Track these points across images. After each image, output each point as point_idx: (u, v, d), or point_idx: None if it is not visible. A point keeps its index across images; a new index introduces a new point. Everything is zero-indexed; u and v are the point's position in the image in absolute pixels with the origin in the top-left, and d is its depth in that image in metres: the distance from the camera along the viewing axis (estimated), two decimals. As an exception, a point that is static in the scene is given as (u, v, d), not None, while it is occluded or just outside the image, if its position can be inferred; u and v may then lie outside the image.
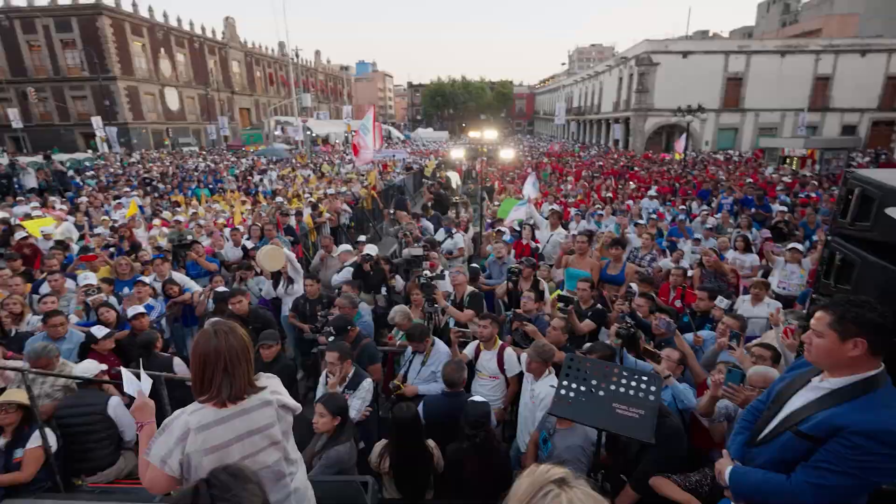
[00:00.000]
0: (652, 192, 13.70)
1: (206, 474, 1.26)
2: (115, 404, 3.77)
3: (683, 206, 11.30)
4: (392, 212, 9.59)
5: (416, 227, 8.01)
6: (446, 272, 5.01)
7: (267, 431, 1.86)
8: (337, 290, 5.79)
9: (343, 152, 33.26)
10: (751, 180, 15.43)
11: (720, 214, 10.12)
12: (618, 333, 3.43)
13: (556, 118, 41.84)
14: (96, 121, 33.76)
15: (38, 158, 21.81)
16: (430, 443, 3.17)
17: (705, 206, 11.45)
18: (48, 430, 3.32)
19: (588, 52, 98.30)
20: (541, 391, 3.51)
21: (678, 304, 5.29)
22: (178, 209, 12.10)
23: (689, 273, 5.88)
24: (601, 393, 2.35)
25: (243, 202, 13.11)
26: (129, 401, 4.18)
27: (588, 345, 4.16)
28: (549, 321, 5.08)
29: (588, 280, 4.88)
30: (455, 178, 17.25)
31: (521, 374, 4.02)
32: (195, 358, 1.80)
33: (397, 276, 6.65)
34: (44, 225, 8.62)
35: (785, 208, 10.00)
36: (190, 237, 7.54)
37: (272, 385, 1.96)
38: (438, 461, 3.15)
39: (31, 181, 15.94)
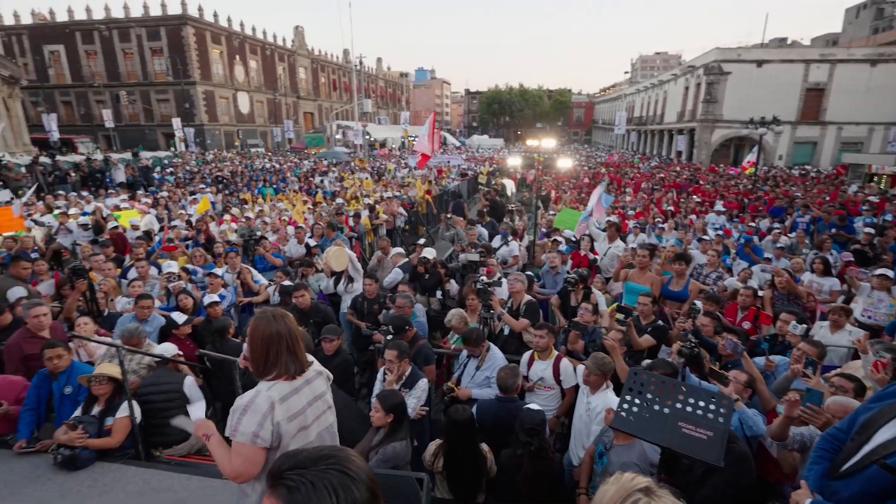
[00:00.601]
0: (718, 206, 13.04)
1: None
2: (189, 383, 4.07)
3: (753, 224, 10.67)
4: (448, 216, 9.70)
5: (471, 232, 8.07)
6: (503, 279, 5.02)
7: (324, 397, 2.13)
8: (391, 291, 5.95)
9: (399, 157, 34.01)
10: (829, 199, 14.34)
11: (794, 233, 9.47)
12: (680, 352, 3.32)
13: (616, 128, 40.63)
14: (176, 122, 36.59)
15: (127, 155, 23.90)
16: (484, 447, 3.19)
17: (777, 224, 10.76)
18: (134, 403, 3.64)
19: (652, 60, 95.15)
20: (597, 405, 3.46)
21: (746, 325, 5.02)
22: (246, 206, 12.84)
23: (760, 294, 5.56)
24: (666, 410, 2.29)
25: (304, 202, 13.71)
26: (202, 382, 4.51)
27: (649, 361, 4.04)
28: (605, 334, 5.00)
29: (649, 295, 4.74)
30: (510, 186, 17.21)
31: (576, 386, 3.96)
32: (258, 342, 1.95)
33: (452, 281, 6.74)
34: (131, 216, 9.43)
35: (871, 230, 9.20)
36: (258, 233, 8.00)
37: (316, 360, 2.21)
38: (491, 465, 3.17)
39: (120, 176, 17.46)
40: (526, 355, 4.27)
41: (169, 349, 4.22)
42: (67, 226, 8.90)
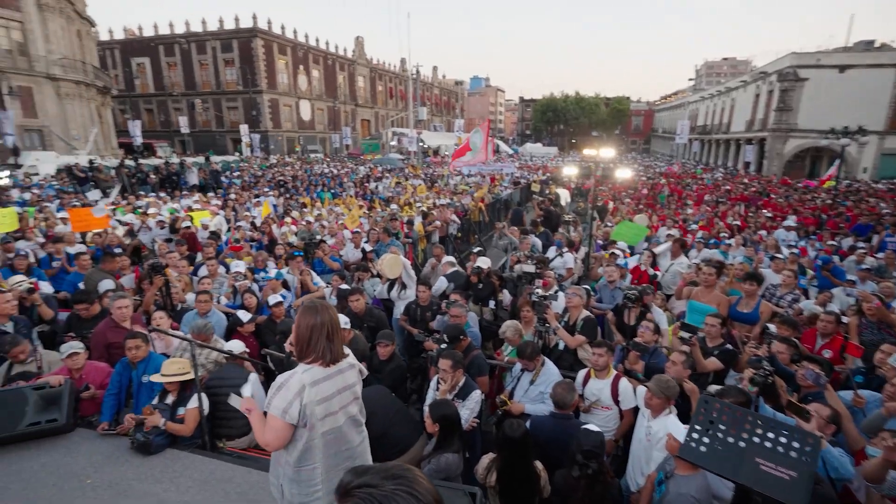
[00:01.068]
0: (789, 221, 12.15)
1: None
2: (253, 380, 4.23)
3: (833, 242, 9.85)
4: (503, 225, 9.64)
5: (524, 242, 7.97)
6: (560, 292, 4.91)
7: (353, 388, 2.32)
8: (443, 300, 5.96)
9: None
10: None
11: (883, 254, 8.64)
12: (753, 380, 3.09)
13: (678, 136, 38.94)
14: (244, 128, 38.86)
15: (199, 159, 25.56)
16: (538, 465, 3.12)
17: (862, 244, 9.87)
18: (203, 395, 3.86)
19: (719, 66, 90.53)
20: (659, 429, 3.29)
21: (827, 354, 4.61)
22: (305, 210, 13.37)
23: (844, 320, 5.10)
24: (741, 444, 2.14)
25: (360, 206, 14.10)
26: (264, 378, 4.71)
27: (716, 387, 3.81)
28: (666, 354, 4.76)
29: (718, 316, 4.47)
30: (564, 196, 16.88)
31: (636, 408, 3.80)
32: (303, 328, 2.17)
33: (505, 291, 6.67)
34: (203, 217, 10.06)
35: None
36: (318, 237, 8.29)
37: (351, 353, 2.40)
38: (545, 485, 3.09)
39: (193, 178, 18.70)
40: (582, 373, 4.15)
41: (237, 346, 4.44)
42: (147, 224, 9.62)
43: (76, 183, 16.71)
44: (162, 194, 15.06)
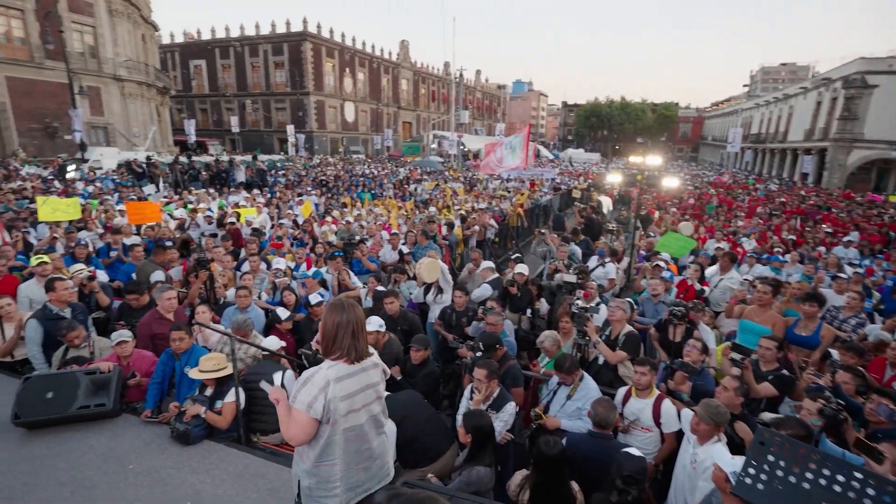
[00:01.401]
0: (851, 237, 11.32)
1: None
2: (289, 377, 4.30)
3: (903, 262, 9.09)
4: (543, 231, 9.45)
5: (561, 250, 7.77)
6: (602, 305, 4.72)
7: (376, 387, 2.32)
8: (479, 305, 5.87)
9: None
10: None
11: (962, 278, 7.91)
12: (822, 411, 2.84)
13: (730, 145, 37.21)
14: (290, 128, 40.09)
15: (247, 157, 26.51)
16: (574, 486, 2.98)
17: (937, 266, 9.06)
18: (240, 389, 3.93)
19: (776, 72, 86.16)
20: (705, 458, 3.08)
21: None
22: (346, 210, 13.58)
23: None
24: (805, 485, 1.95)
25: (399, 208, 14.20)
26: (298, 375, 4.75)
27: (771, 415, 3.56)
28: (714, 376, 4.49)
29: (774, 339, 4.17)
30: (606, 203, 16.43)
31: (679, 432, 3.59)
32: (329, 325, 2.20)
33: (542, 300, 6.52)
34: (249, 214, 10.38)
35: None
36: (357, 237, 8.37)
37: (375, 352, 2.41)
38: (581, 508, 2.95)
39: (241, 176, 19.38)
40: (622, 391, 3.96)
41: (274, 343, 4.51)
42: (196, 220, 10.01)
43: (134, 177, 17.65)
44: (211, 190, 15.68)
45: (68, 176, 15.22)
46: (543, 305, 6.59)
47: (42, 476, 3.33)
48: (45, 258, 5.68)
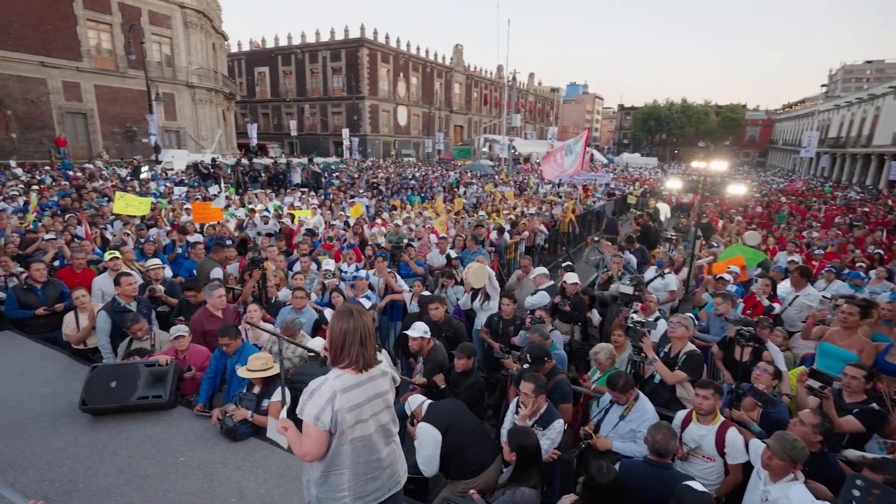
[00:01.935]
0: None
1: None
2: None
3: None
4: (597, 239, 9.09)
5: (615, 260, 7.41)
6: (661, 320, 4.41)
7: (385, 396, 2.28)
8: (529, 313, 5.68)
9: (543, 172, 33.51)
10: None
11: None
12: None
13: (804, 149, 34.52)
14: (345, 132, 41.27)
15: (304, 160, 27.50)
16: (627, 516, 2.77)
17: None
18: (286, 389, 3.97)
19: (860, 70, 79.38)
20: (779, 497, 2.76)
21: None
22: (395, 212, 13.72)
23: None
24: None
25: (448, 211, 14.17)
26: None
27: (856, 452, 3.18)
28: (787, 403, 4.08)
29: (862, 367, 3.72)
30: (664, 210, 15.65)
31: (746, 464, 3.27)
32: (336, 332, 2.16)
33: (594, 311, 6.24)
34: (303, 215, 10.69)
35: None
36: (405, 240, 8.39)
37: (385, 360, 2.36)
38: (634, 541, 2.73)
39: (296, 178, 20.13)
40: (681, 414, 3.66)
41: (320, 344, 4.54)
42: (254, 220, 10.43)
43: (200, 178, 18.73)
44: (268, 191, 16.35)
45: (142, 176, 16.36)
46: (595, 316, 6.30)
47: (104, 462, 3.50)
48: (117, 253, 6.06)
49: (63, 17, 24.72)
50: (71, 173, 18.49)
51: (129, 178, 17.34)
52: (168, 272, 6.65)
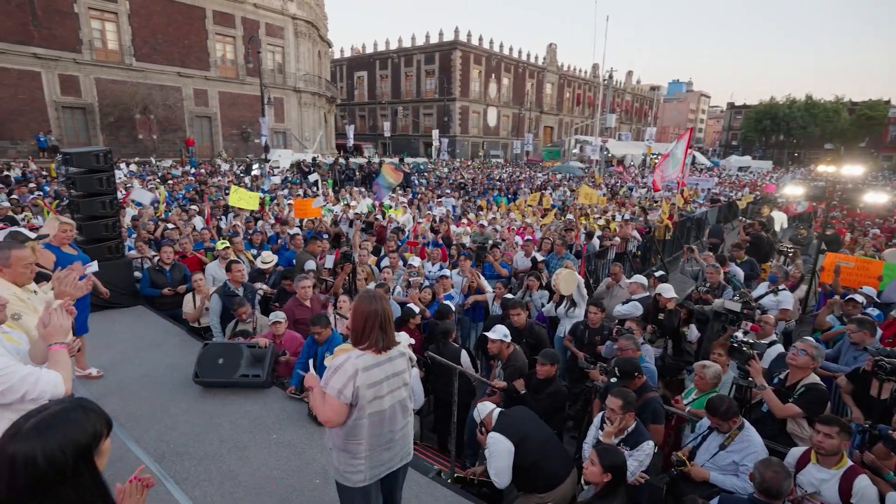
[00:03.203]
0: None
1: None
2: (414, 375, 4.39)
3: None
4: (693, 247, 8.38)
5: (710, 272, 6.73)
6: (777, 344, 3.89)
7: (402, 375, 2.44)
8: (617, 323, 5.35)
9: (638, 175, 31.66)
10: None
11: None
12: None
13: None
14: (435, 133, 42.21)
15: (395, 160, 28.56)
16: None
17: None
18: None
19: None
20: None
21: None
22: (481, 213, 13.73)
23: None
24: None
25: (534, 213, 13.89)
26: (424, 375, 4.84)
27: None
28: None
29: None
30: (780, 219, 14.00)
31: (880, 520, 2.78)
32: (359, 315, 2.32)
33: (692, 325, 5.74)
34: (395, 213, 11.07)
35: None
36: (490, 241, 8.35)
37: (403, 341, 2.57)
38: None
39: (388, 177, 20.93)
40: (797, 452, 3.21)
41: (403, 339, 4.64)
42: (348, 215, 11.01)
43: (302, 176, 20.21)
44: (362, 190, 17.19)
45: (253, 173, 18.01)
46: (693, 331, 5.79)
47: (209, 431, 3.87)
48: (227, 243, 6.71)
49: (197, 33, 28.05)
50: (196, 170, 20.90)
51: (241, 174, 19.20)
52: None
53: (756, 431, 3.42)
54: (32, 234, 3.60)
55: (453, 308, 5.68)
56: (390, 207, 12.17)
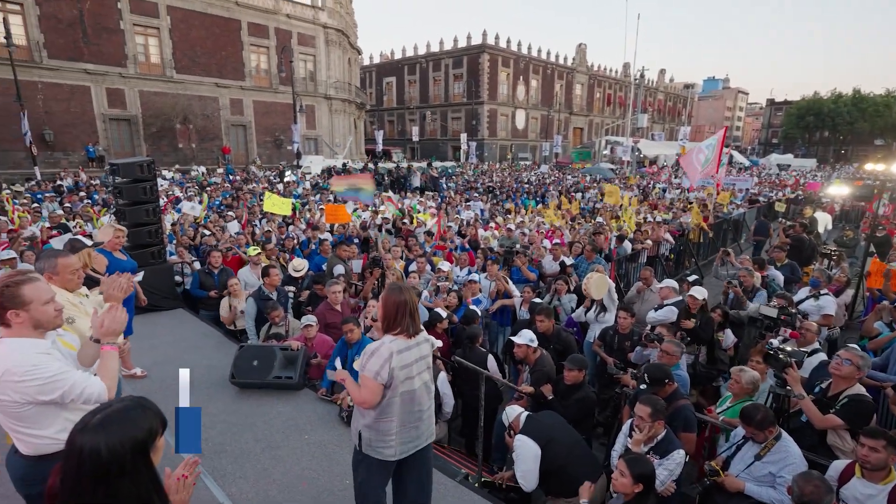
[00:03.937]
0: None
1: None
2: (442, 379, 4.44)
3: None
4: (728, 250, 8.12)
5: (744, 276, 6.49)
6: (820, 352, 3.73)
7: (426, 359, 2.71)
8: (649, 328, 5.24)
9: (671, 176, 30.84)
10: None
11: None
12: None
13: None
14: (463, 136, 42.31)
15: (423, 164, 28.79)
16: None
17: None
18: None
19: None
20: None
21: None
22: (509, 216, 13.67)
23: None
24: None
25: (563, 217, 13.72)
26: (452, 378, 4.88)
27: None
28: None
29: None
30: (824, 221, 13.37)
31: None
32: (391, 305, 2.56)
33: (727, 331, 5.57)
34: (423, 217, 11.18)
35: None
36: (518, 245, 8.32)
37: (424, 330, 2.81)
38: None
39: (416, 181, 21.15)
40: (839, 465, 3.08)
41: (433, 342, 4.70)
42: (376, 220, 11.18)
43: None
44: (390, 193, 17.41)
45: (286, 179, 18.50)
46: (729, 337, 5.62)
47: (245, 430, 4.02)
48: (259, 249, 6.94)
49: (233, 44, 29.08)
50: (232, 177, 21.64)
51: (275, 180, 19.76)
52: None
53: (794, 442, 3.30)
54: (88, 242, 3.84)
55: (480, 313, 5.69)
56: (419, 212, 12.27)
